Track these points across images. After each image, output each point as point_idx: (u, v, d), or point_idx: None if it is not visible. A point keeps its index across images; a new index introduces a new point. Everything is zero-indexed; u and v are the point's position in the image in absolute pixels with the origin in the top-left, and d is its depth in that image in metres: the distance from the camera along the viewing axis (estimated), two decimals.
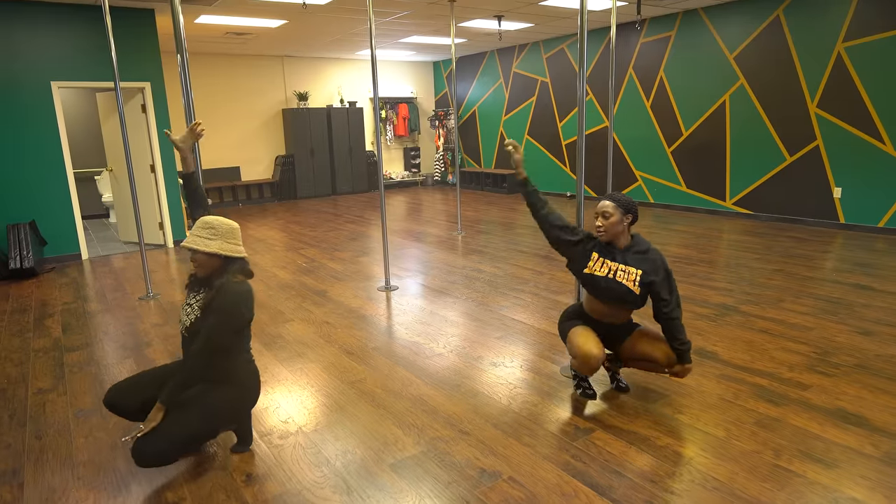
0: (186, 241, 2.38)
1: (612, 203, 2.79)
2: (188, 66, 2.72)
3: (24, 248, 5.99)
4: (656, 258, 2.78)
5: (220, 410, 2.44)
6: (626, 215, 2.78)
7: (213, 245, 2.37)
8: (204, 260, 2.40)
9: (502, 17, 7.95)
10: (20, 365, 3.73)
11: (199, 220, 2.41)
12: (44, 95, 6.40)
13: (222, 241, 2.40)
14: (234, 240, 2.44)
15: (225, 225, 2.43)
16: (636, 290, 2.74)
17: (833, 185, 6.97)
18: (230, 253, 2.40)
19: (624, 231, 2.79)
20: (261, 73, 11.03)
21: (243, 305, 2.41)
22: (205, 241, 2.38)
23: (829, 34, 6.74)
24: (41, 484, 2.43)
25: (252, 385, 2.57)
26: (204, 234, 2.39)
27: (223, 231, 2.41)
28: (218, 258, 2.40)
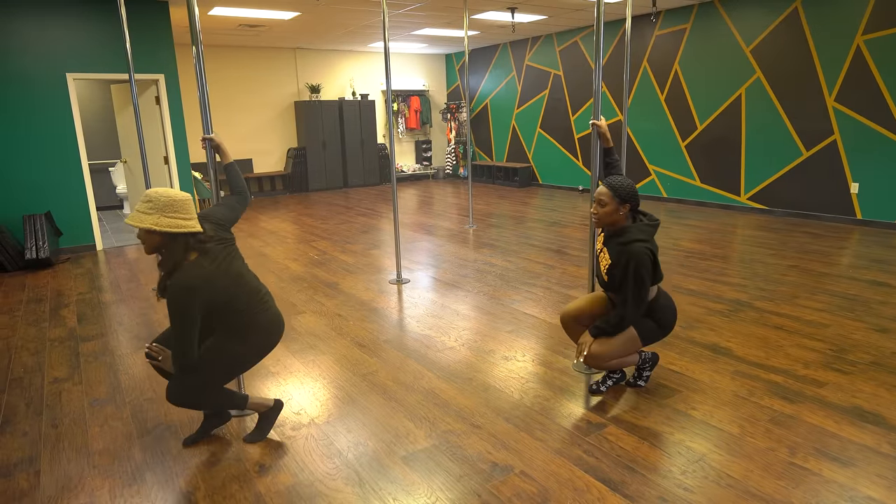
0: (128, 217, 2.23)
1: (609, 192, 2.70)
2: (203, 58, 2.72)
3: (40, 238, 6.06)
4: (630, 255, 2.64)
5: (242, 357, 2.45)
6: (622, 205, 2.70)
7: (147, 220, 2.19)
8: (143, 236, 2.23)
9: (516, 9, 7.89)
10: (36, 354, 3.77)
11: (143, 193, 2.24)
12: (59, 87, 6.45)
13: (159, 216, 2.20)
14: (175, 213, 2.22)
15: (164, 197, 2.22)
16: (605, 277, 2.78)
17: (850, 181, 6.87)
18: (168, 228, 2.19)
19: (620, 220, 2.74)
20: (273, 66, 11.05)
21: (186, 299, 2.20)
22: (140, 215, 2.20)
23: (849, 27, 6.63)
24: (57, 472, 2.46)
25: (272, 331, 2.50)
26: (142, 207, 2.21)
27: (161, 204, 2.21)
28: (157, 235, 2.22)
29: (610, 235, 2.79)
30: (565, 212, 8.40)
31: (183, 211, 2.25)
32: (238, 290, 2.39)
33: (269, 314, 2.51)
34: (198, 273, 2.25)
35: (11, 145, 6.29)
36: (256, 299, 2.47)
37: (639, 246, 2.65)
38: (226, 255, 2.39)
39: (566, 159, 10.61)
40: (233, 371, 2.48)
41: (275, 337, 2.54)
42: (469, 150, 7.99)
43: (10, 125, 6.26)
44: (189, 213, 2.27)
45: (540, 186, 11.24)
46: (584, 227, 7.19)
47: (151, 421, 2.86)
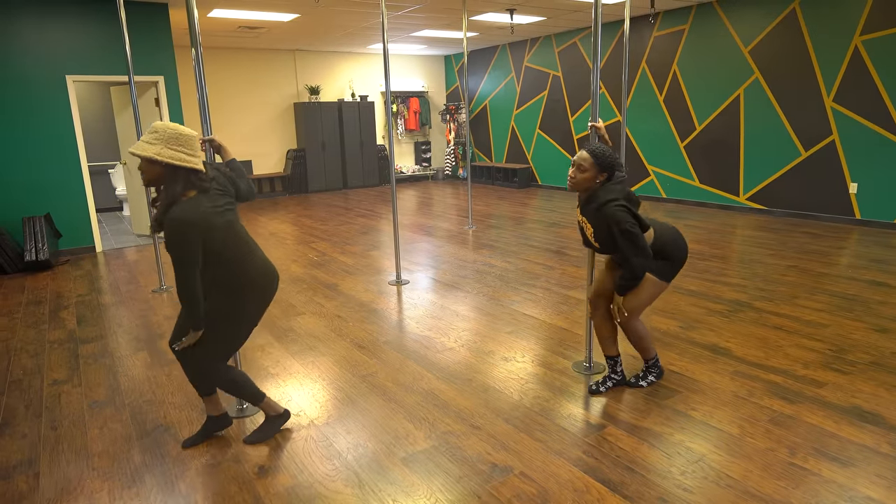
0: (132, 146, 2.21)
1: (591, 158, 2.69)
2: (202, 60, 2.72)
3: (40, 240, 6.05)
4: (607, 217, 2.65)
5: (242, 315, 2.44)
6: (600, 173, 2.71)
7: (150, 150, 2.16)
8: (145, 167, 2.21)
9: (514, 10, 7.90)
10: (36, 356, 3.77)
11: (151, 125, 2.24)
12: (59, 89, 6.45)
13: (163, 146, 2.18)
14: (179, 147, 2.21)
15: (171, 129, 2.21)
16: (595, 245, 2.82)
17: (849, 181, 6.88)
18: (170, 160, 2.17)
19: (592, 187, 2.75)
20: (273, 67, 11.05)
21: (184, 233, 2.17)
22: (144, 145, 2.19)
23: (847, 27, 6.63)
24: (56, 474, 2.46)
25: (263, 283, 2.46)
26: (147, 138, 2.20)
27: (167, 136, 2.19)
28: (159, 165, 2.19)
29: (584, 202, 2.81)
30: (565, 213, 8.40)
31: (188, 146, 2.24)
32: (229, 237, 2.33)
33: (256, 262, 2.45)
34: (195, 209, 2.21)
35: (11, 147, 6.29)
36: (246, 249, 2.42)
37: (611, 207, 2.65)
38: (224, 204, 2.35)
39: (565, 160, 10.61)
40: (238, 331, 2.47)
41: (269, 288, 2.50)
42: (468, 151, 8.00)
43: (9, 127, 6.26)
44: (194, 150, 2.26)
45: (539, 187, 11.24)
46: None
47: (151, 423, 2.86)
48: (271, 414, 2.70)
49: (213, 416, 2.67)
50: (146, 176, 2.23)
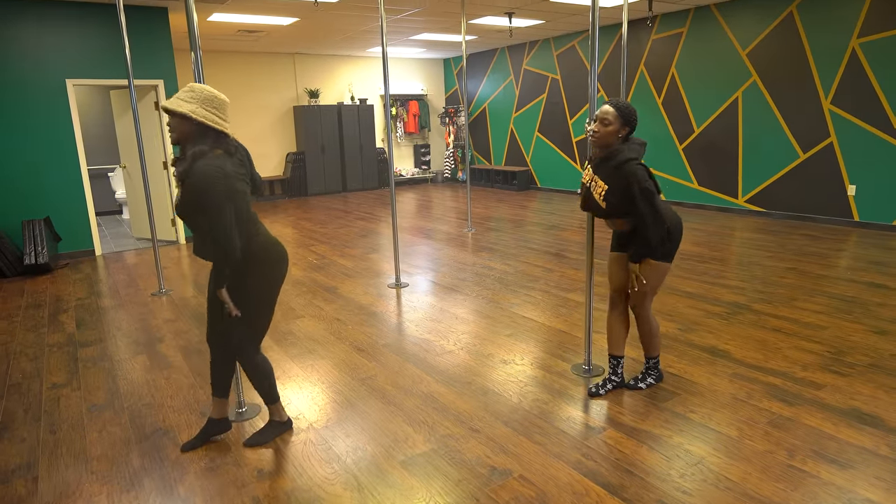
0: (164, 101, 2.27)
1: (615, 112, 2.67)
2: (202, 64, 2.72)
3: (39, 243, 6.06)
4: (625, 175, 2.64)
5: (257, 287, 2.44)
6: (623, 127, 2.69)
7: (185, 106, 2.18)
8: (176, 123, 2.22)
9: (513, 13, 7.92)
10: (35, 360, 3.77)
11: (187, 84, 2.24)
12: (59, 93, 6.46)
13: (198, 105, 2.20)
14: (213, 109, 2.24)
15: (208, 91, 2.24)
16: (602, 204, 2.75)
17: (847, 183, 6.89)
18: (204, 119, 2.20)
19: (614, 142, 2.73)
20: (272, 71, 11.07)
21: (214, 181, 2.18)
22: (179, 101, 2.20)
23: (844, 30, 6.65)
24: (55, 478, 2.46)
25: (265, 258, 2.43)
26: (183, 95, 2.21)
27: (203, 96, 2.22)
28: (191, 123, 2.20)
29: (601, 160, 2.78)
30: (564, 215, 8.41)
31: (221, 110, 2.27)
32: (242, 208, 2.31)
33: (261, 240, 2.42)
34: (223, 165, 2.23)
35: (11, 151, 6.30)
36: (253, 229, 2.41)
37: (632, 164, 2.65)
38: (243, 174, 2.36)
39: (564, 163, 10.63)
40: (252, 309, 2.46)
41: (276, 266, 2.47)
42: (467, 153, 8.00)
43: (9, 131, 6.26)
44: (225, 115, 2.30)
45: (538, 190, 11.25)
46: (583, 231, 7.20)
47: (149, 426, 2.86)
48: (276, 419, 2.71)
49: (213, 419, 2.67)
50: (176, 133, 2.24)
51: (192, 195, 2.20)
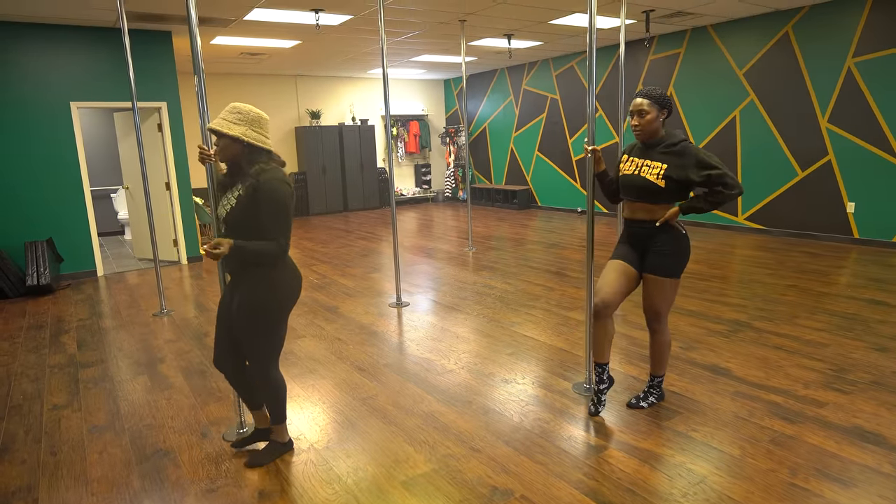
0: (212, 122, 2.32)
1: (648, 100, 2.74)
2: (205, 86, 2.77)
3: (42, 264, 6.08)
4: (685, 150, 2.71)
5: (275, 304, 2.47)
6: (661, 111, 2.75)
7: (236, 129, 2.31)
8: (225, 144, 2.34)
9: (512, 35, 8.03)
10: (36, 381, 3.77)
11: (230, 105, 2.36)
12: (63, 115, 6.54)
13: (247, 128, 2.33)
14: (260, 129, 2.37)
15: (253, 112, 2.36)
16: (660, 183, 2.73)
17: (846, 200, 6.92)
18: (254, 141, 2.34)
19: (658, 128, 2.78)
20: (274, 92, 11.20)
21: (285, 189, 2.34)
22: (229, 123, 2.32)
23: (839, 49, 6.74)
24: (55, 500, 2.45)
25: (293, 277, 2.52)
26: (230, 117, 2.33)
27: (250, 118, 2.35)
28: (240, 144, 2.33)
29: (648, 146, 2.81)
30: (564, 233, 8.44)
31: (266, 129, 2.41)
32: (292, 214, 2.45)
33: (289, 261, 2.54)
34: (285, 176, 2.39)
35: (15, 172, 6.35)
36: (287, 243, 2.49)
37: (689, 143, 2.73)
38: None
39: (564, 182, 10.68)
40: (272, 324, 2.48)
41: (296, 287, 2.54)
42: (468, 173, 8.05)
43: (13, 152, 6.32)
44: (268, 134, 2.43)
45: (539, 209, 11.30)
46: (583, 249, 7.22)
47: (150, 448, 2.85)
48: (278, 440, 2.71)
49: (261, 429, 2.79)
50: (225, 153, 2.36)
51: (265, 206, 2.32)
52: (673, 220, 2.76)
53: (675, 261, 2.80)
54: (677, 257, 2.80)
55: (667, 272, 2.80)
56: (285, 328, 2.58)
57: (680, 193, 2.76)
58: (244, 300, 2.44)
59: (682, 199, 2.78)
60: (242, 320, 2.46)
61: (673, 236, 2.79)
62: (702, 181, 2.68)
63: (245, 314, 2.44)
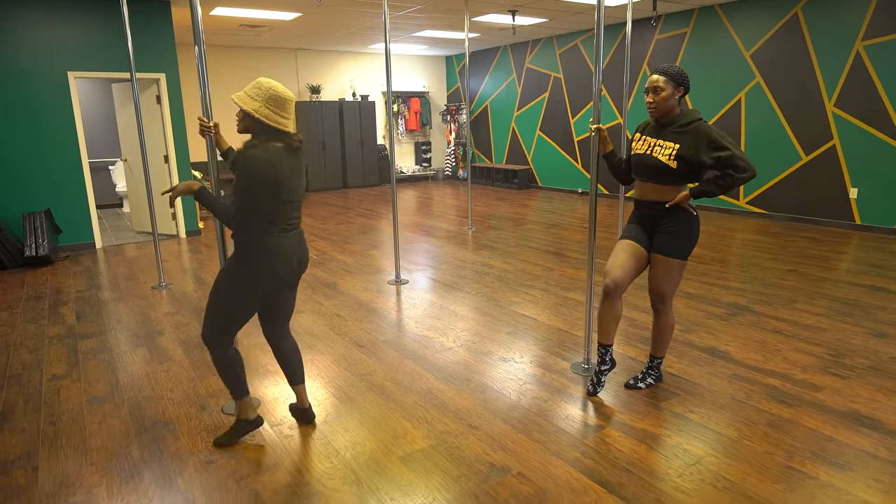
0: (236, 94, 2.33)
1: (664, 77, 2.68)
2: (205, 57, 2.72)
3: (40, 236, 6.05)
4: (699, 129, 2.64)
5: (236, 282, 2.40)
6: (677, 88, 2.70)
7: (250, 104, 2.29)
8: (241, 117, 2.34)
9: (516, 11, 7.91)
10: (35, 351, 3.77)
11: (257, 80, 2.34)
12: (61, 85, 6.45)
13: (262, 105, 2.29)
14: (276, 108, 2.31)
15: (273, 91, 2.31)
16: (671, 164, 2.69)
17: (849, 186, 6.89)
18: (264, 119, 2.29)
19: (674, 106, 2.73)
20: (274, 66, 11.06)
21: (260, 166, 2.25)
22: (247, 97, 2.31)
23: (849, 32, 6.65)
24: (55, 468, 2.46)
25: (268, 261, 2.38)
26: (251, 91, 2.32)
27: (268, 95, 2.30)
28: (251, 119, 2.32)
29: (661, 126, 2.77)
30: (564, 214, 8.41)
31: (283, 108, 2.34)
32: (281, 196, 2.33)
33: (270, 241, 2.37)
34: (274, 155, 2.30)
35: (12, 143, 6.29)
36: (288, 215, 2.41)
37: (704, 123, 2.66)
38: (299, 164, 2.43)
39: (566, 162, 10.62)
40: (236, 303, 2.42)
41: (280, 275, 2.42)
42: (468, 151, 7.99)
43: (11, 123, 6.26)
44: (289, 114, 2.37)
45: (539, 189, 11.25)
46: (583, 230, 7.20)
47: (149, 419, 2.86)
48: (242, 417, 2.62)
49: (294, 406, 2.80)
50: (241, 125, 2.37)
51: (237, 176, 2.29)
52: (683, 203, 2.74)
53: (684, 242, 2.77)
54: (686, 238, 2.78)
55: (675, 253, 2.78)
56: (246, 313, 2.47)
57: (692, 175, 2.71)
58: (223, 267, 2.47)
59: (694, 181, 2.74)
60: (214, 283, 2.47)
61: (683, 217, 2.77)
62: (713, 163, 2.64)
63: (216, 278, 2.44)
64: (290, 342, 2.71)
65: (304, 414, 2.77)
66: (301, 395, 2.75)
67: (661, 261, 2.81)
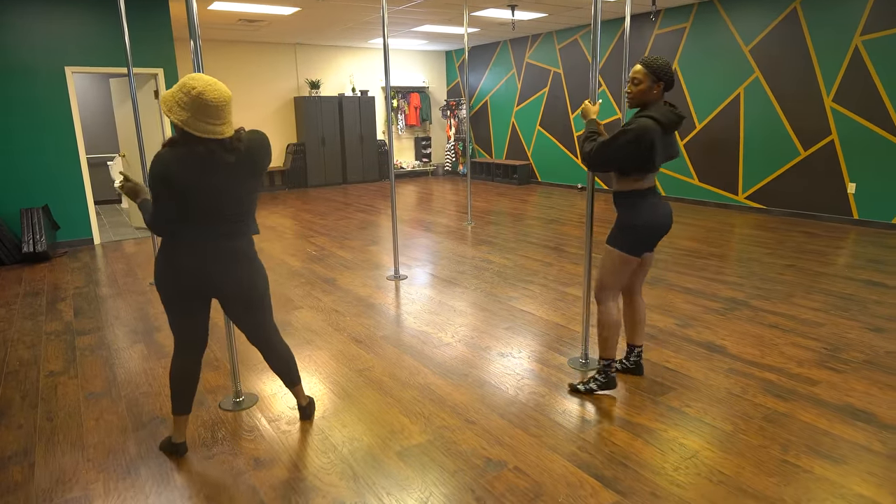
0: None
1: (644, 69, 2.61)
2: (201, 53, 2.71)
3: (38, 232, 6.05)
4: (632, 123, 2.56)
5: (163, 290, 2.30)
6: (656, 83, 2.61)
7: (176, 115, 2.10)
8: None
9: (516, 6, 7.88)
10: (32, 347, 3.78)
11: (191, 77, 2.14)
12: (58, 81, 6.44)
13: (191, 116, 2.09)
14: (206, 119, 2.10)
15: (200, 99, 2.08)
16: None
17: (847, 181, 6.88)
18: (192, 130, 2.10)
19: (652, 99, 2.64)
20: (273, 61, 11.03)
21: (152, 169, 2.10)
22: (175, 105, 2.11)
23: (847, 27, 6.63)
24: (52, 465, 2.47)
25: (160, 269, 2.26)
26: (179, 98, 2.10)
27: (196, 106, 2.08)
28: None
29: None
30: (564, 209, 8.41)
31: (213, 117, 2.11)
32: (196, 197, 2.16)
33: (168, 249, 2.23)
34: (164, 152, 2.13)
35: (9, 138, 6.28)
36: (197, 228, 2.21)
37: (644, 119, 2.55)
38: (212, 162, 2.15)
39: (565, 157, 10.61)
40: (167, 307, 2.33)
41: (166, 281, 2.25)
42: (468, 147, 7.99)
43: (8, 118, 6.25)
44: (218, 119, 2.12)
45: (539, 184, 11.24)
46: (582, 225, 7.20)
47: (147, 415, 2.86)
48: (172, 437, 2.50)
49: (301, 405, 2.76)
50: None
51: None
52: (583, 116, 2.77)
53: (620, 234, 2.75)
54: (621, 231, 2.75)
55: (610, 240, 2.79)
56: (179, 321, 2.35)
57: (628, 169, 2.65)
58: None
59: (634, 175, 2.67)
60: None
61: (624, 210, 2.74)
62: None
63: None
64: (278, 349, 2.60)
65: (304, 410, 2.78)
66: (299, 395, 2.76)
67: (604, 248, 2.83)
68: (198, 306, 2.36)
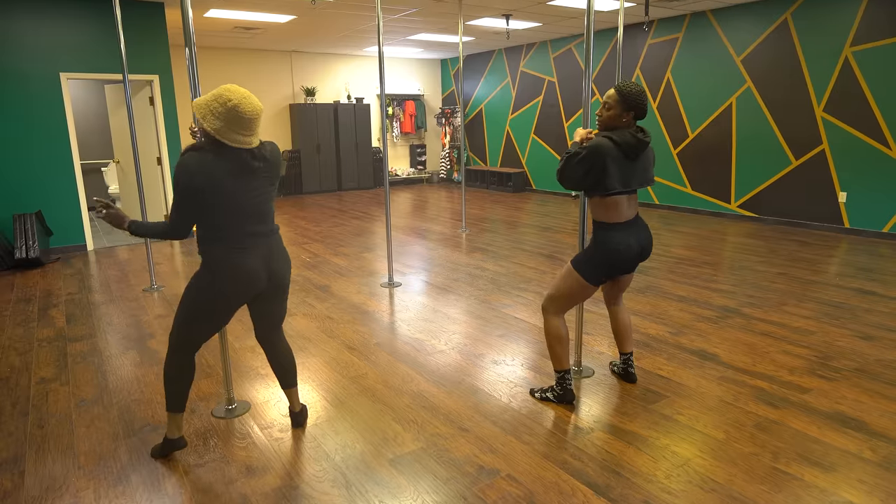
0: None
1: (616, 95, 2.61)
2: (196, 59, 2.73)
3: (30, 238, 6.03)
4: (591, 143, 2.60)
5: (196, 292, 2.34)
6: (626, 112, 2.61)
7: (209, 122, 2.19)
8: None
9: (510, 15, 7.94)
10: (23, 354, 3.75)
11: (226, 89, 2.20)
12: (53, 86, 6.44)
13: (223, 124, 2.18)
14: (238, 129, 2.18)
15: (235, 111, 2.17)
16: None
17: (838, 190, 6.94)
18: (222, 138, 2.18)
19: (623, 126, 2.64)
20: (268, 68, 11.06)
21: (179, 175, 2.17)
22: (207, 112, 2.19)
23: (837, 38, 6.71)
24: (42, 472, 2.46)
25: (223, 275, 2.29)
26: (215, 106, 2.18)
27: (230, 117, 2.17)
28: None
29: None
30: (558, 217, 8.44)
31: (245, 129, 2.21)
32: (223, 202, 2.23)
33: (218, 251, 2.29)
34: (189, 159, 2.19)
35: (3, 143, 6.27)
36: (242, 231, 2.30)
37: (600, 139, 2.58)
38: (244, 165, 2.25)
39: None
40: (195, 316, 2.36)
41: (226, 281, 2.30)
42: (463, 154, 8.02)
43: (2, 123, 6.23)
44: (249, 131, 2.22)
45: (533, 192, 11.28)
46: (576, 233, 7.22)
47: (138, 422, 2.85)
48: (168, 434, 2.52)
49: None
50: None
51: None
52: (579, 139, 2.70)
53: (584, 256, 2.77)
54: (586, 255, 2.77)
55: (574, 261, 2.80)
56: (209, 327, 2.40)
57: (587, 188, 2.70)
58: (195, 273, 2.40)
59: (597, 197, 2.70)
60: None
61: (593, 237, 2.77)
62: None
63: (188, 284, 2.39)
64: (284, 345, 2.71)
65: (297, 416, 2.77)
66: (293, 398, 2.75)
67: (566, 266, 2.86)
68: (235, 310, 2.44)
